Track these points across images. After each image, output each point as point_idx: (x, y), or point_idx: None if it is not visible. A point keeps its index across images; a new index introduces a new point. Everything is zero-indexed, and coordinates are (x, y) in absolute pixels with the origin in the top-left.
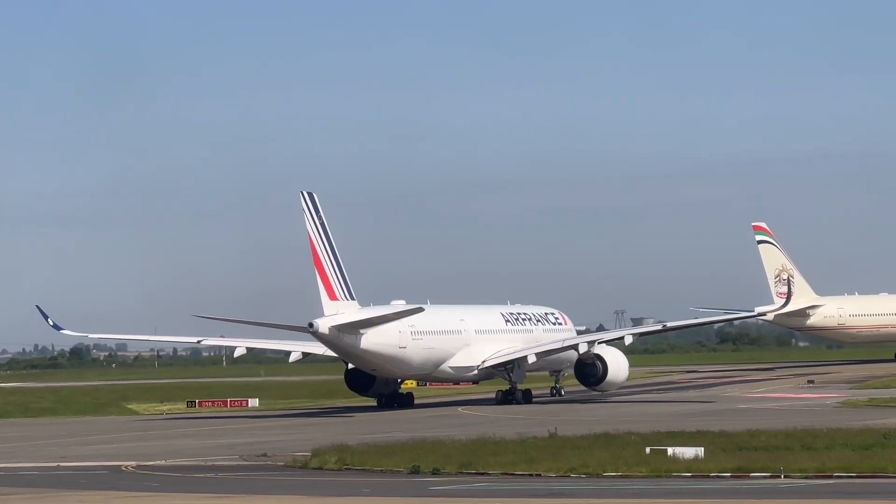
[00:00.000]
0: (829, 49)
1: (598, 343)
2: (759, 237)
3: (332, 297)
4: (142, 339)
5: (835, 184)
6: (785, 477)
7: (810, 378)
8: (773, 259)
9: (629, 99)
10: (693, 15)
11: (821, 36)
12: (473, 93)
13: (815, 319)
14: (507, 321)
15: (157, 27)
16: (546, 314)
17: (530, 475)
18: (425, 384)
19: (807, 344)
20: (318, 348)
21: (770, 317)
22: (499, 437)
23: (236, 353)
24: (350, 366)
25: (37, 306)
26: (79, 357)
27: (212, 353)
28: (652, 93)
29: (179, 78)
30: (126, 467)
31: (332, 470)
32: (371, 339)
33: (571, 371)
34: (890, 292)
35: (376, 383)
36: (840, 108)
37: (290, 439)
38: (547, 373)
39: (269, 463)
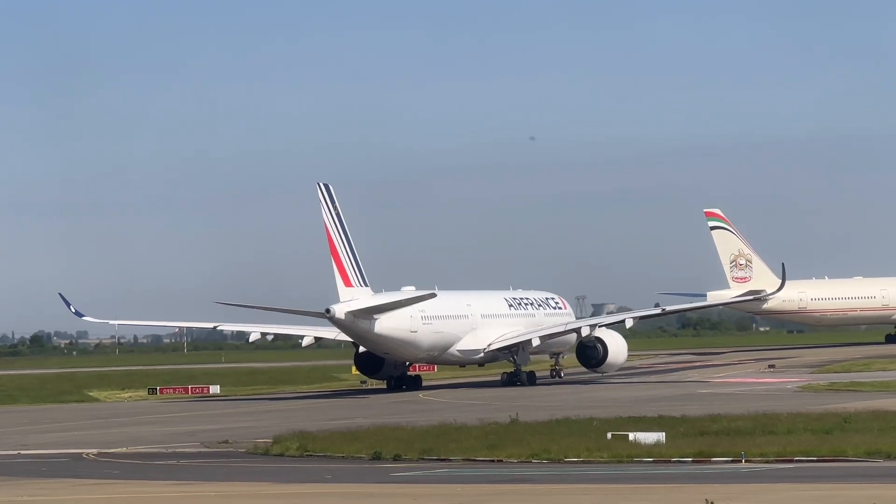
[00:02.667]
0: (783, 32)
1: (600, 326)
2: (711, 223)
3: (348, 283)
4: (162, 324)
5: (796, 167)
6: (746, 461)
7: (771, 363)
8: (727, 244)
9: (583, 85)
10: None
11: (775, 18)
12: (429, 82)
13: (774, 303)
14: (511, 306)
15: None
16: (547, 299)
17: (492, 461)
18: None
19: (768, 329)
20: (330, 333)
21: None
22: (460, 423)
23: (251, 338)
24: (360, 349)
25: (59, 294)
26: (39, 345)
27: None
28: (606, 78)
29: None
30: (87, 455)
31: (294, 456)
32: (384, 324)
33: (570, 353)
34: (866, 276)
35: (385, 366)
36: (794, 92)
37: (251, 426)
38: (547, 356)
39: (231, 450)
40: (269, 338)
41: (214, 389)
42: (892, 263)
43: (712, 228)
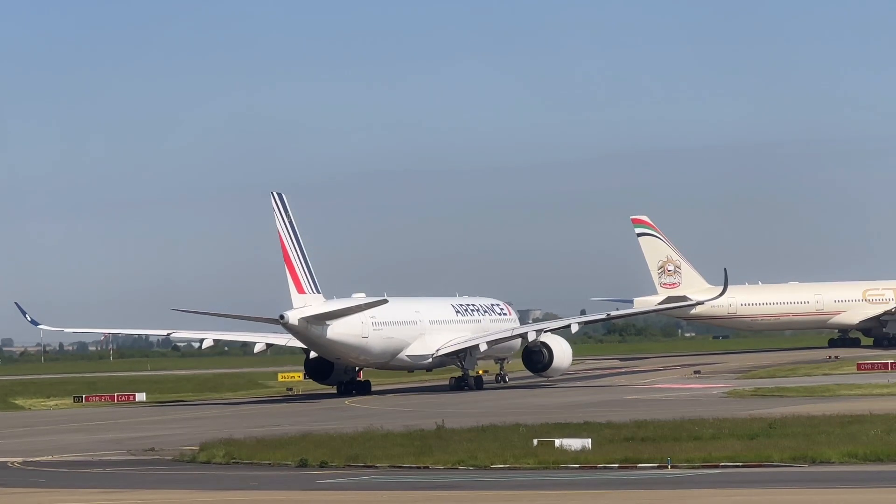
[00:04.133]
0: (705, 41)
1: (545, 332)
2: (639, 230)
3: (301, 290)
4: (117, 332)
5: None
6: (672, 467)
7: (697, 368)
8: (655, 251)
9: (512, 91)
10: (572, 7)
11: (697, 29)
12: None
13: (702, 308)
14: (458, 312)
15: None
16: (492, 305)
17: (418, 468)
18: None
19: (693, 334)
20: (281, 339)
21: (707, 304)
22: (386, 430)
23: (204, 345)
24: (311, 355)
25: (16, 303)
26: None
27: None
28: (535, 85)
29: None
30: (12, 463)
31: (220, 464)
32: (336, 330)
33: (515, 359)
34: (801, 281)
35: (335, 371)
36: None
37: (177, 433)
38: (493, 361)
39: (157, 457)
40: (204, 346)
41: (141, 397)
42: (828, 269)
43: (639, 235)
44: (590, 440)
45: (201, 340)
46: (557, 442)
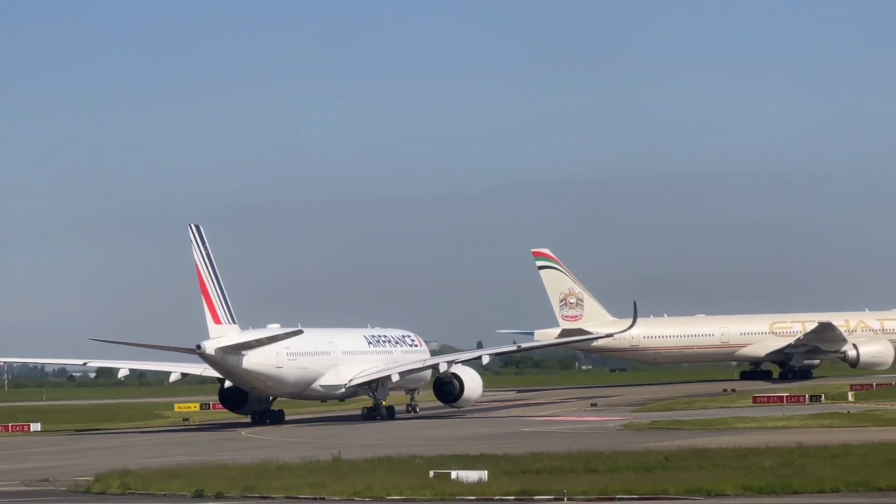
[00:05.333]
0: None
1: (456, 363)
2: (540, 262)
3: (217, 321)
4: (27, 361)
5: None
6: (568, 500)
7: (594, 401)
8: (556, 284)
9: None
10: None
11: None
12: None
13: (604, 341)
14: (370, 343)
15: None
16: (403, 336)
17: (314, 499)
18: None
19: (590, 367)
20: (196, 369)
21: (616, 337)
22: (283, 461)
23: (120, 374)
24: (226, 385)
25: None
26: None
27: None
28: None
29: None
30: None
31: (116, 494)
32: (252, 360)
33: (426, 389)
34: (708, 314)
35: (249, 401)
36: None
37: (73, 464)
38: (403, 391)
39: (52, 488)
40: (120, 374)
41: (36, 427)
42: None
43: (541, 268)
44: (486, 472)
45: (117, 369)
46: (454, 473)
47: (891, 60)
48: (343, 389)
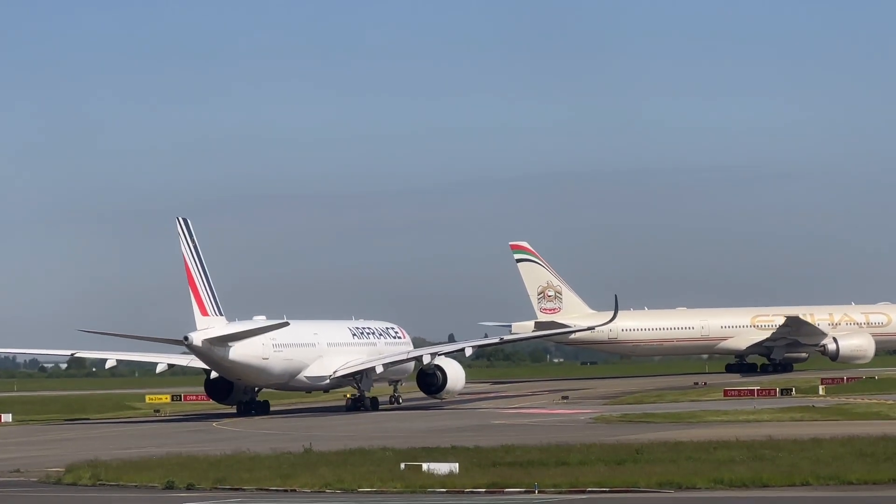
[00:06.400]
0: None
1: (439, 355)
2: (518, 255)
3: (204, 313)
4: (17, 351)
5: (617, 200)
6: (539, 492)
7: (564, 394)
8: (534, 276)
9: (398, 116)
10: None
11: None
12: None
13: (581, 333)
14: (354, 335)
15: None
16: (387, 328)
17: (285, 490)
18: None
19: (562, 360)
20: (183, 360)
21: (595, 329)
22: (253, 453)
23: (107, 365)
24: (211, 376)
25: None
26: None
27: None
28: (412, 111)
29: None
30: None
31: (87, 485)
32: (238, 351)
33: (410, 381)
34: (689, 307)
35: (234, 392)
36: (593, 126)
37: (44, 455)
38: (387, 382)
39: (23, 479)
40: (107, 365)
41: (6, 418)
42: (715, 295)
43: (518, 261)
44: (457, 464)
45: (105, 360)
46: (425, 466)
47: (872, 57)
48: (328, 381)
